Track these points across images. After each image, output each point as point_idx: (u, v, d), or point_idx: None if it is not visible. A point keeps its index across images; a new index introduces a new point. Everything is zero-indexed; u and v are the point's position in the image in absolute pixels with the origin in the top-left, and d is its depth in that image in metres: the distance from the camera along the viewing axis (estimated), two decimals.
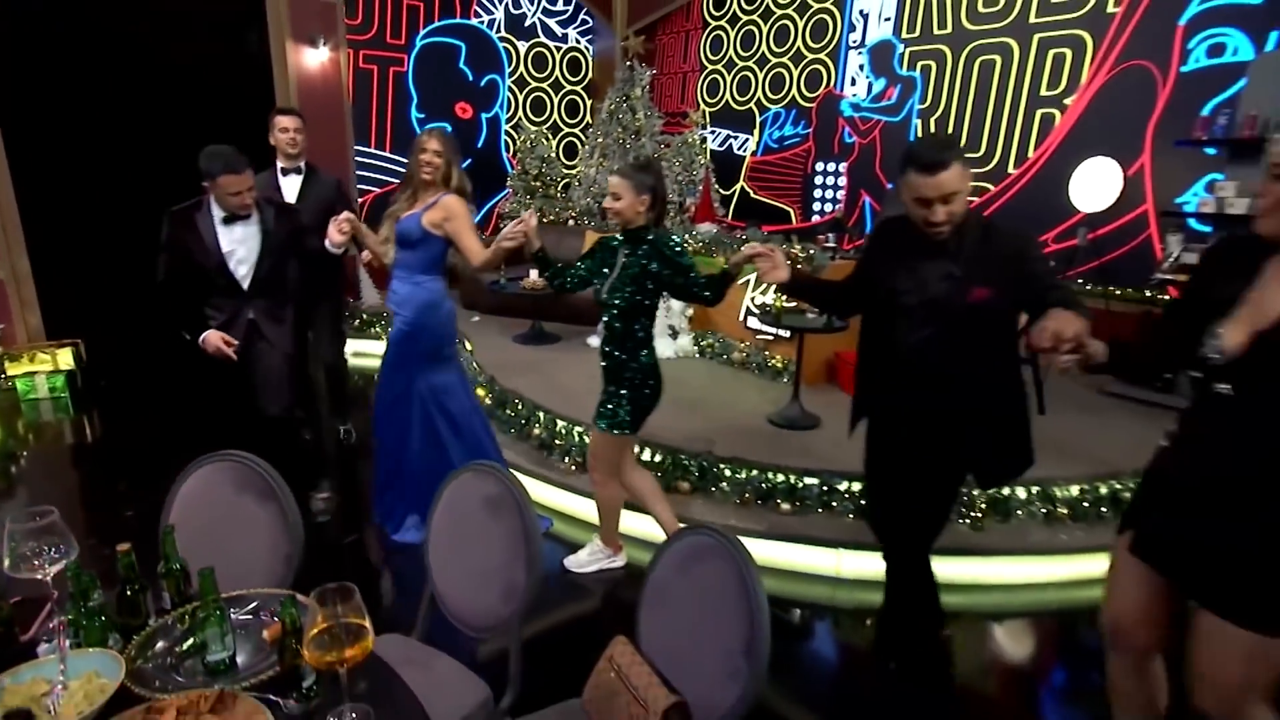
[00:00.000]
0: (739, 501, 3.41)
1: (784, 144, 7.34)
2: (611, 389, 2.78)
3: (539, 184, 7.18)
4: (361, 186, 7.26)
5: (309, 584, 1.25)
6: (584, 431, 3.75)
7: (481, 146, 7.95)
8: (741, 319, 5.10)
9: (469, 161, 7.79)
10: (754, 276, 4.64)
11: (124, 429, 4.61)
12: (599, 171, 6.83)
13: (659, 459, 3.58)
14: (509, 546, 1.81)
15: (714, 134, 7.93)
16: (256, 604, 1.48)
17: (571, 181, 7.52)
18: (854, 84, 6.72)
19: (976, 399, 2.16)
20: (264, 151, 3.77)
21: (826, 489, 3.36)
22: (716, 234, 5.55)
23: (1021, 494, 3.45)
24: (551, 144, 8.18)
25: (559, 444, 3.80)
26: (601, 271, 2.77)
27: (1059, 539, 3.34)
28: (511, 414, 4.15)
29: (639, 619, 1.75)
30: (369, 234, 3.14)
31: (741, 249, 2.40)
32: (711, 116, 7.96)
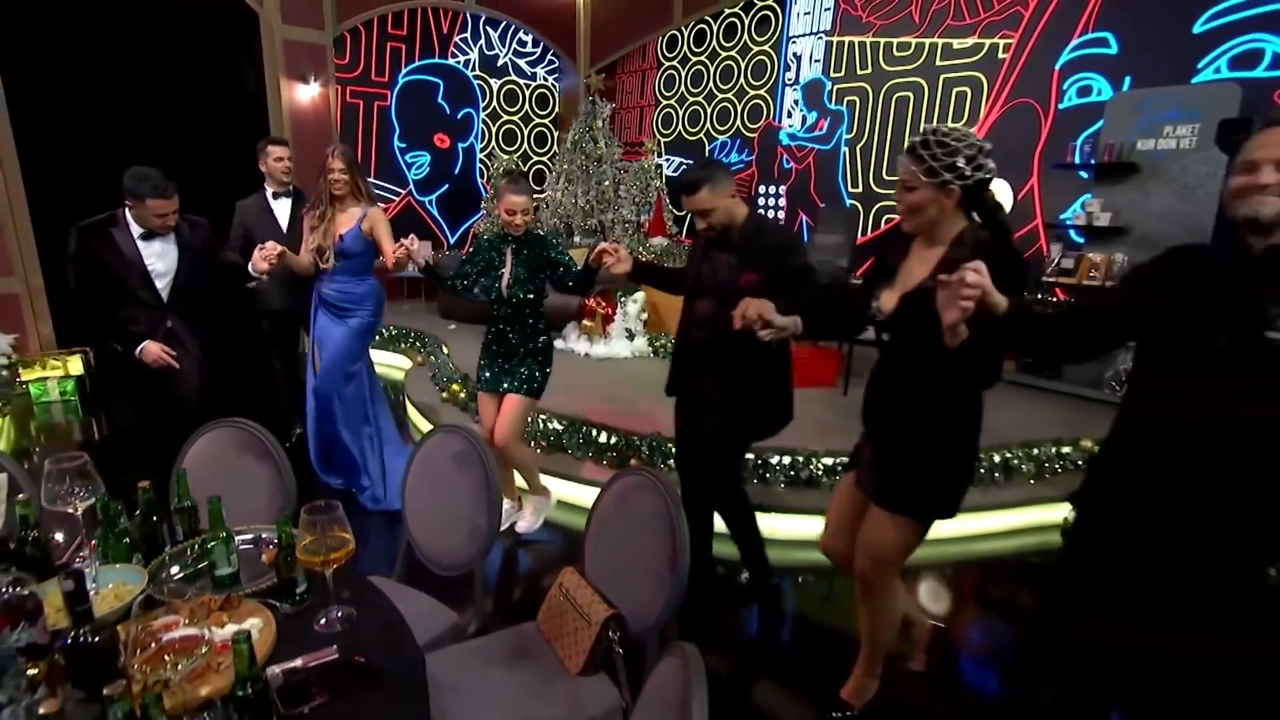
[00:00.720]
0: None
1: (730, 170, 7.55)
2: (531, 365, 2.97)
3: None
4: None
5: None
6: (547, 419, 3.89)
7: (458, 173, 8.01)
8: None
9: (446, 186, 7.93)
10: None
11: (129, 427, 4.62)
12: (564, 195, 6.96)
13: (614, 440, 3.74)
14: (474, 495, 1.95)
15: (669, 161, 8.09)
16: (255, 535, 1.61)
17: (540, 204, 7.65)
18: (790, 117, 6.97)
19: (747, 365, 2.44)
20: (254, 176, 3.87)
21: (761, 461, 3.55)
22: (667, 246, 5.75)
23: None
24: (522, 170, 8.31)
25: (525, 431, 3.94)
26: (491, 271, 2.91)
27: (973, 498, 3.57)
28: None
29: (585, 550, 1.90)
30: (294, 257, 3.13)
31: (595, 249, 2.61)
32: (666, 145, 8.13)
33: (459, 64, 7.80)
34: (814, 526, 3.38)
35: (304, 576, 1.41)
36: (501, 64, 8.10)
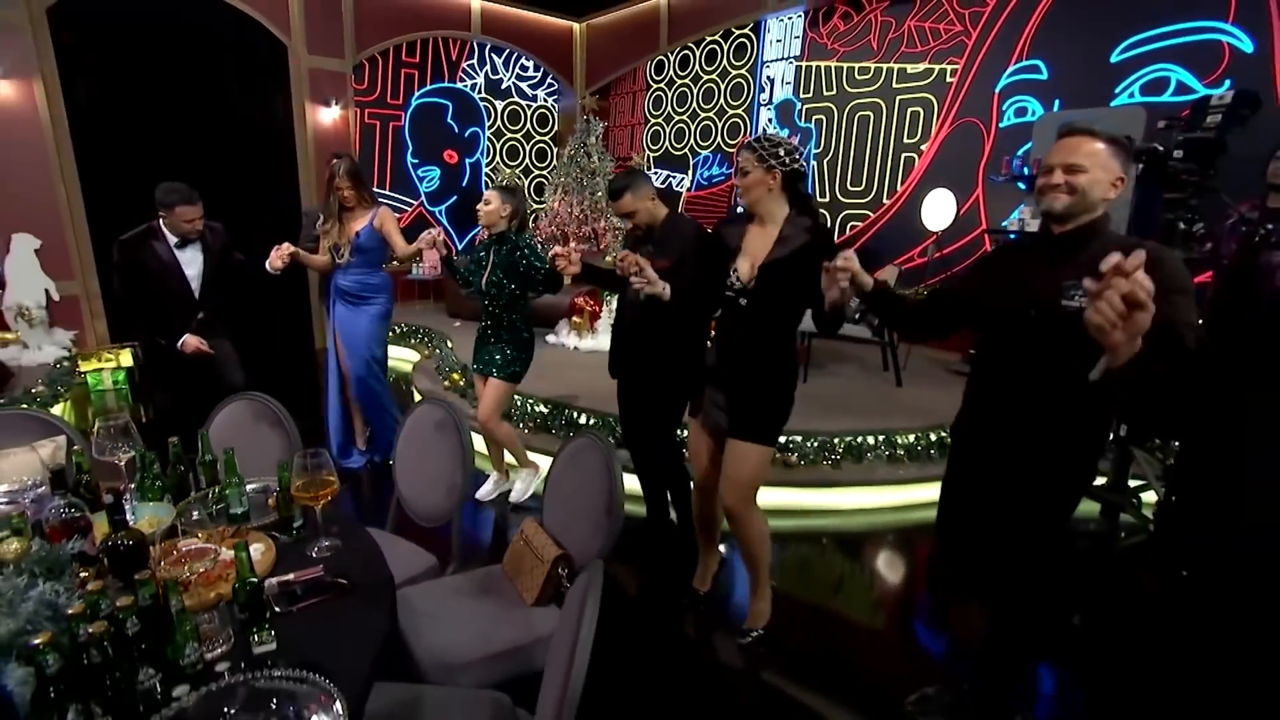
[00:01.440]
0: None
1: (712, 181, 7.72)
2: (510, 353, 3.14)
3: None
4: None
5: None
6: (534, 403, 4.10)
7: (465, 186, 8.20)
8: None
9: (454, 198, 8.13)
10: None
11: (170, 411, 4.83)
12: (561, 205, 7.15)
13: (591, 421, 3.94)
14: (451, 457, 2.14)
15: (657, 174, 8.24)
16: (265, 486, 1.82)
17: (540, 213, 7.83)
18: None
19: (669, 345, 2.63)
20: (290, 186, 4.04)
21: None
22: None
23: (871, 440, 3.85)
24: (525, 184, 8.50)
25: (514, 414, 4.14)
26: (478, 268, 3.11)
27: (898, 473, 3.74)
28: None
29: (544, 504, 2.11)
30: (309, 256, 3.35)
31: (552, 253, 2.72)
32: (654, 160, 8.30)
33: (467, 87, 7.98)
34: (785, 497, 3.59)
35: (300, 515, 1.62)
36: (505, 87, 8.28)
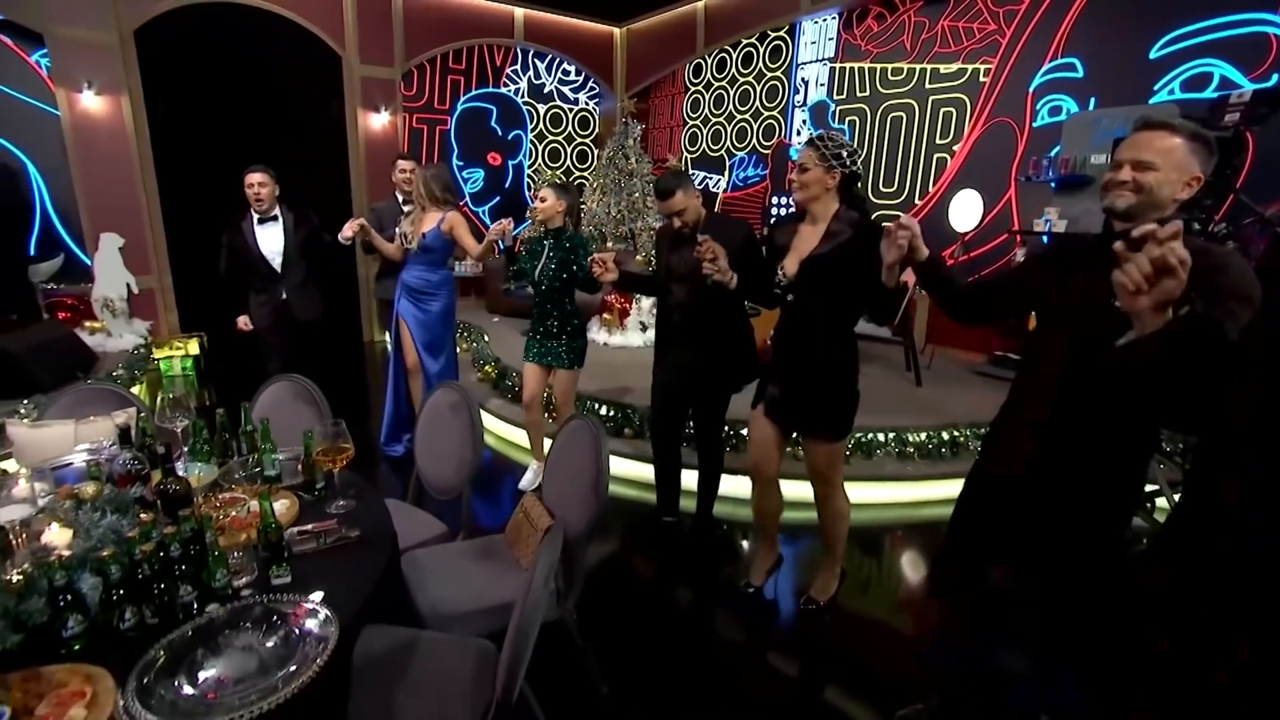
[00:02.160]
0: None
1: (747, 182, 7.81)
2: (571, 343, 3.31)
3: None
4: None
5: None
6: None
7: (508, 187, 8.51)
8: None
9: (497, 199, 8.46)
10: None
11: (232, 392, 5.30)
12: (598, 205, 7.37)
13: (612, 413, 4.14)
14: (462, 435, 2.38)
15: (694, 175, 8.39)
16: (295, 454, 2.08)
17: (580, 214, 8.08)
18: (799, 135, 7.19)
19: (718, 331, 2.81)
20: (343, 186, 4.36)
21: (730, 432, 3.88)
22: None
23: (881, 438, 3.93)
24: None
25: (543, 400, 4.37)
26: (532, 261, 3.28)
27: (906, 470, 3.81)
28: (510, 384, 4.75)
29: (544, 480, 2.32)
30: (380, 240, 3.73)
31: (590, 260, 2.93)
32: (692, 161, 8.44)
33: (510, 92, 8.28)
34: (793, 490, 3.70)
35: (323, 478, 1.87)
36: (548, 91, 8.54)
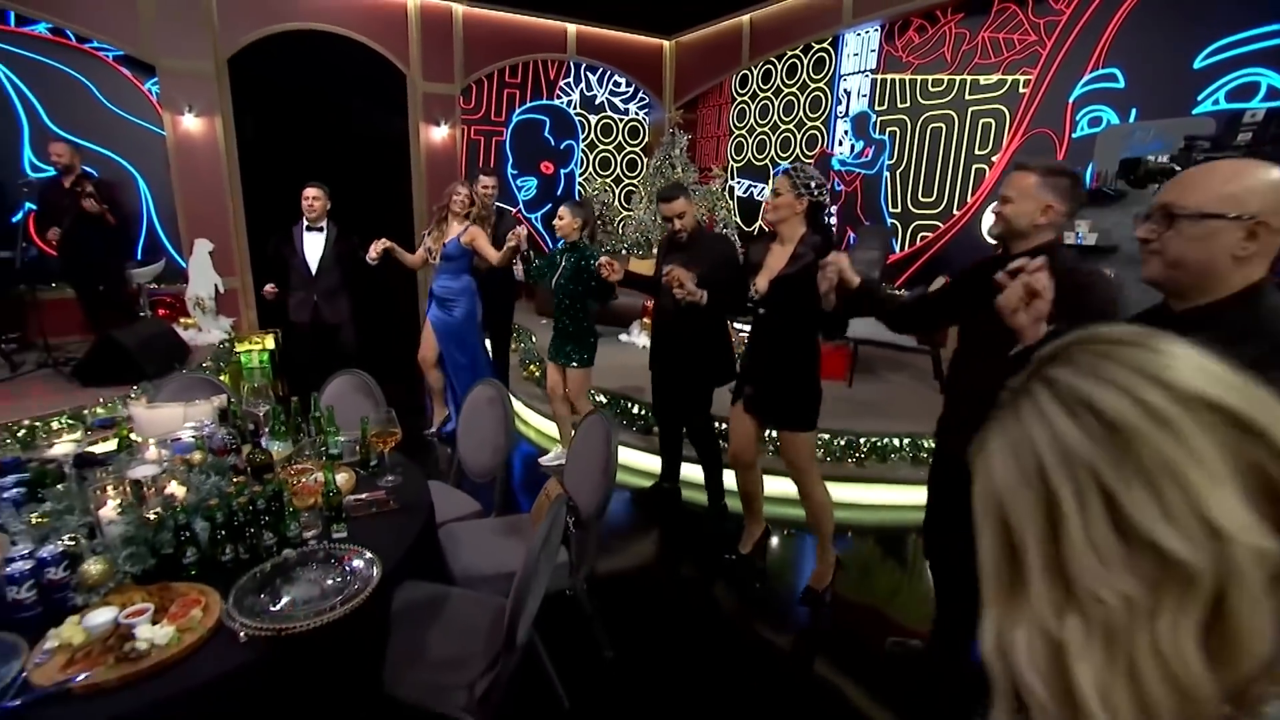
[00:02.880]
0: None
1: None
2: (578, 345, 3.62)
3: (600, 222, 8.02)
4: None
5: None
6: (594, 393, 4.62)
7: (560, 194, 8.87)
8: None
9: (549, 205, 8.85)
10: None
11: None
12: (645, 212, 7.65)
13: (640, 410, 4.42)
14: (496, 424, 2.70)
15: (740, 184, 8.58)
16: (354, 437, 2.44)
17: (627, 220, 8.38)
18: (841, 145, 7.30)
19: (701, 334, 3.07)
20: (400, 199, 4.82)
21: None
22: None
23: (896, 442, 4.08)
24: (616, 193, 9.05)
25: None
26: (548, 270, 3.60)
27: (921, 474, 3.95)
28: None
29: (565, 470, 2.63)
30: (404, 253, 4.08)
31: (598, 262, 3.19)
32: (737, 170, 8.63)
33: (563, 104, 8.66)
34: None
35: (376, 458, 2.23)
36: (599, 102, 8.89)
